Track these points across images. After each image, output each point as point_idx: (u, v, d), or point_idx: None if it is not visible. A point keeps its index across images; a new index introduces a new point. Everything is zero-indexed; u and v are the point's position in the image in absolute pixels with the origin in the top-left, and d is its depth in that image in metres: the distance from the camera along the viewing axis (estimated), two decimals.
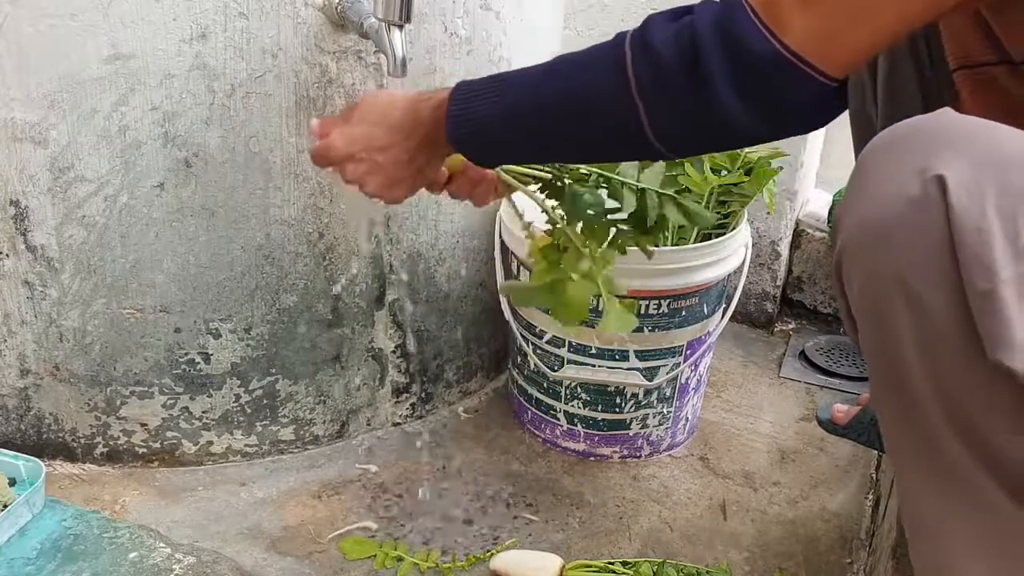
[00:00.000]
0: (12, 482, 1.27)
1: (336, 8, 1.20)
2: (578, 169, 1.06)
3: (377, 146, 0.95)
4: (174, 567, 1.18)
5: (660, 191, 1.04)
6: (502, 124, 0.88)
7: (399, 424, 1.56)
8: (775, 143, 1.29)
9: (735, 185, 1.42)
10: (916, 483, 0.72)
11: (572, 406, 1.47)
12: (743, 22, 0.72)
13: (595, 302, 1.03)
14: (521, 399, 1.55)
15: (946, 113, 0.68)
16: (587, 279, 0.97)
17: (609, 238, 1.04)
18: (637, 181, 1.04)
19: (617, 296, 0.97)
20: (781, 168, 1.47)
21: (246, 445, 1.44)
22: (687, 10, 0.77)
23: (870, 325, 0.70)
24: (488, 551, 1.28)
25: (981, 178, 0.63)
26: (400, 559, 1.25)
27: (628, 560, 1.26)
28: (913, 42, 0.93)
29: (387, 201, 1.00)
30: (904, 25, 0.71)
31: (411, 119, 0.94)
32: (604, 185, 1.05)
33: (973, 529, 0.70)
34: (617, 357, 1.40)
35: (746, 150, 1.37)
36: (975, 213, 0.62)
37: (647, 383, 1.42)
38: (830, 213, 1.79)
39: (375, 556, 1.25)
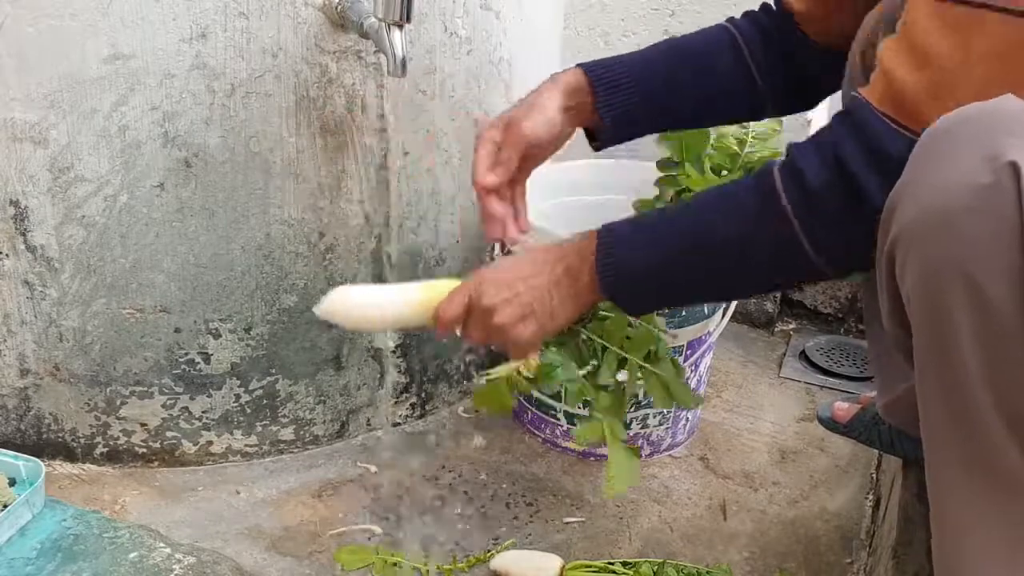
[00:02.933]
0: (12, 482, 1.27)
1: (336, 8, 1.20)
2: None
3: (521, 275, 0.93)
4: (174, 567, 1.18)
5: (642, 365, 1.08)
6: (657, 274, 0.88)
7: (399, 424, 1.56)
8: (776, 145, 1.31)
9: None
10: (954, 480, 0.69)
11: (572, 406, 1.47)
12: (883, 131, 0.74)
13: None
14: (521, 399, 1.55)
15: (1010, 99, 0.66)
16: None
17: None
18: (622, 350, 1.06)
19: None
20: None
21: (246, 445, 1.44)
22: (823, 129, 0.80)
23: (925, 319, 0.67)
24: (488, 551, 1.28)
25: None
26: (397, 565, 1.25)
27: (628, 560, 1.25)
28: None
29: (515, 342, 0.95)
30: None
31: (555, 256, 0.92)
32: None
33: (1008, 533, 0.67)
34: None
35: (745, 149, 1.37)
36: None
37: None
38: None
39: (372, 563, 1.25)
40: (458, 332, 0.96)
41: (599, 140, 1.07)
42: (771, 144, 1.35)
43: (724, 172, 1.39)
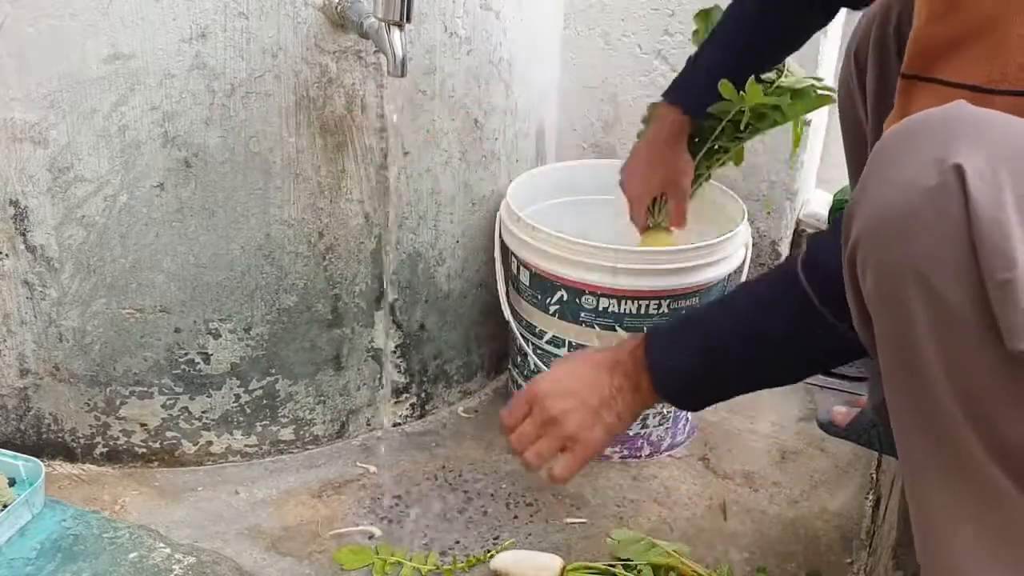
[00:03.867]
0: (12, 482, 1.27)
1: (336, 8, 1.20)
2: None
3: (583, 381, 0.97)
4: (174, 567, 1.18)
5: None
6: (705, 376, 0.94)
7: (399, 424, 1.56)
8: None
9: (774, 108, 1.40)
10: (928, 480, 0.71)
11: None
12: None
13: None
14: None
15: (961, 104, 0.67)
16: None
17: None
18: None
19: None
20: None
21: (246, 445, 1.44)
22: (841, 217, 0.81)
23: (885, 317, 0.69)
24: (488, 551, 1.28)
25: (999, 167, 0.62)
26: (399, 564, 1.25)
27: (629, 560, 1.25)
28: (900, 46, 0.93)
29: (581, 445, 0.99)
30: None
31: (608, 362, 0.97)
32: None
33: (988, 530, 0.68)
34: None
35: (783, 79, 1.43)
36: (994, 202, 0.61)
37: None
38: (831, 213, 1.79)
39: (372, 564, 1.25)
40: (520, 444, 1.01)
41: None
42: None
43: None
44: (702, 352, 0.93)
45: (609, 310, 1.36)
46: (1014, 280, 0.61)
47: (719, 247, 1.36)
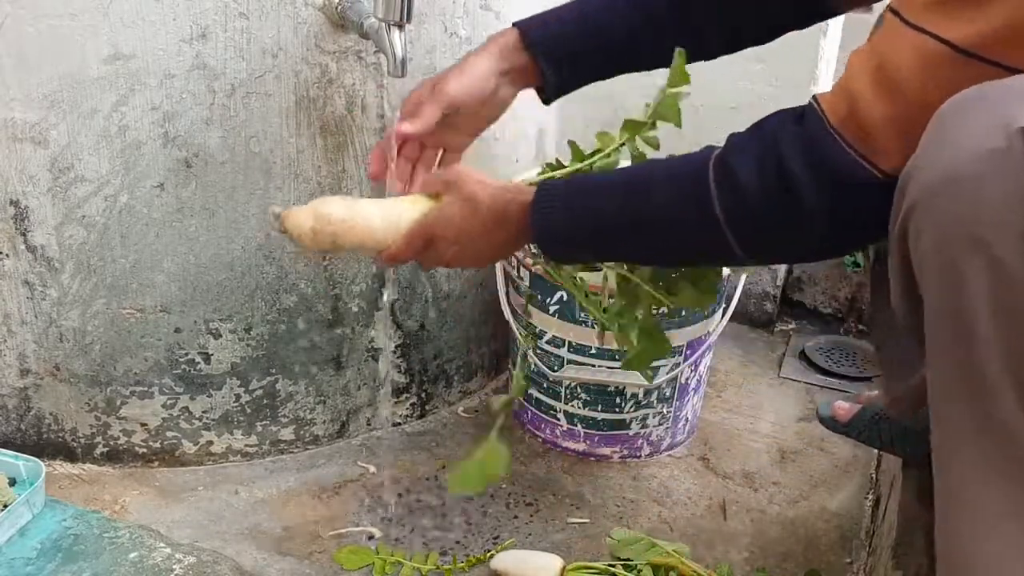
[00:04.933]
0: (12, 482, 1.27)
1: (336, 8, 1.20)
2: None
3: (470, 235, 0.97)
4: (174, 567, 1.18)
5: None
6: (584, 239, 0.92)
7: (399, 424, 1.56)
8: None
9: None
10: (964, 460, 0.69)
11: (572, 406, 1.47)
12: (837, 156, 0.75)
13: None
14: (521, 399, 1.55)
15: (1022, 77, 0.66)
16: None
17: None
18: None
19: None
20: None
21: (246, 445, 1.44)
22: (767, 130, 0.80)
23: (939, 284, 0.67)
24: (488, 551, 1.28)
25: None
26: (399, 564, 1.25)
27: (629, 560, 1.25)
28: None
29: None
30: None
31: (496, 218, 0.95)
32: None
33: (1018, 509, 0.66)
34: (617, 357, 1.39)
35: None
36: None
37: (647, 383, 1.42)
38: None
39: (373, 564, 1.25)
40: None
41: (546, 93, 1.07)
42: None
43: None
44: (581, 211, 0.91)
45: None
46: None
47: None
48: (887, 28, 0.75)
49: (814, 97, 0.79)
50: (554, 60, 1.03)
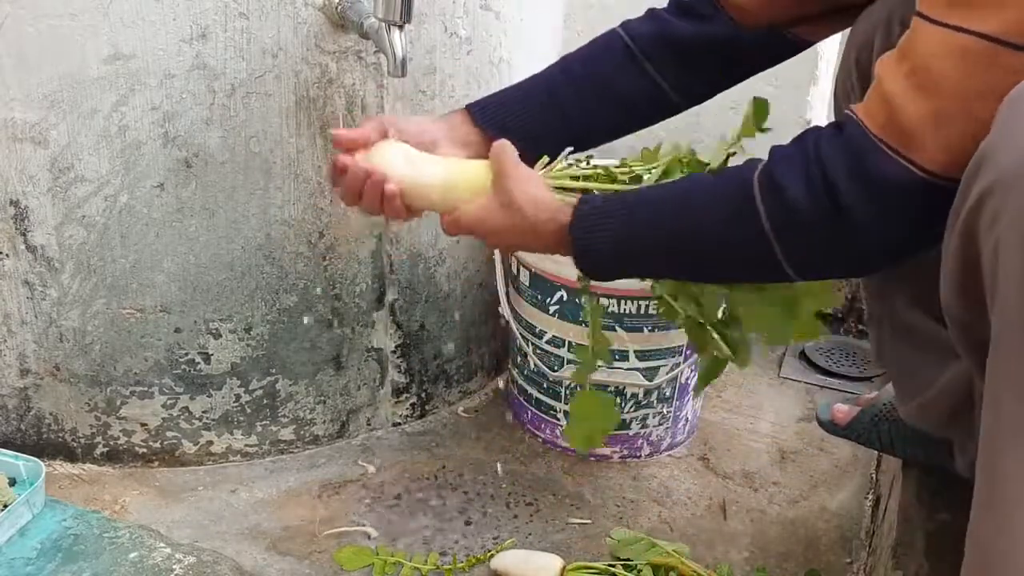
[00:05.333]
0: (12, 482, 1.27)
1: (336, 8, 1.20)
2: None
3: (503, 235, 0.97)
4: (174, 567, 1.18)
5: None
6: (626, 260, 0.91)
7: (399, 424, 1.56)
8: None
9: None
10: (1019, 459, 0.65)
11: None
12: (883, 163, 0.74)
13: None
14: (521, 399, 1.55)
15: None
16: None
17: None
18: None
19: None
20: None
21: (246, 445, 1.44)
22: (809, 142, 0.79)
23: (1016, 273, 0.65)
24: (488, 551, 1.28)
25: None
26: (398, 564, 1.25)
27: (629, 560, 1.25)
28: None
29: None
30: None
31: (533, 233, 0.95)
32: None
33: None
34: (617, 357, 1.39)
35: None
36: None
37: (647, 383, 1.42)
38: None
39: (373, 564, 1.25)
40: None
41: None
42: None
43: None
44: (624, 228, 0.89)
45: (609, 310, 1.36)
46: None
47: None
48: (915, 30, 0.74)
49: (850, 108, 0.79)
50: (503, 131, 1.03)
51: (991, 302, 0.68)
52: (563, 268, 1.36)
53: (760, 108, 0.95)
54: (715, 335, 1.02)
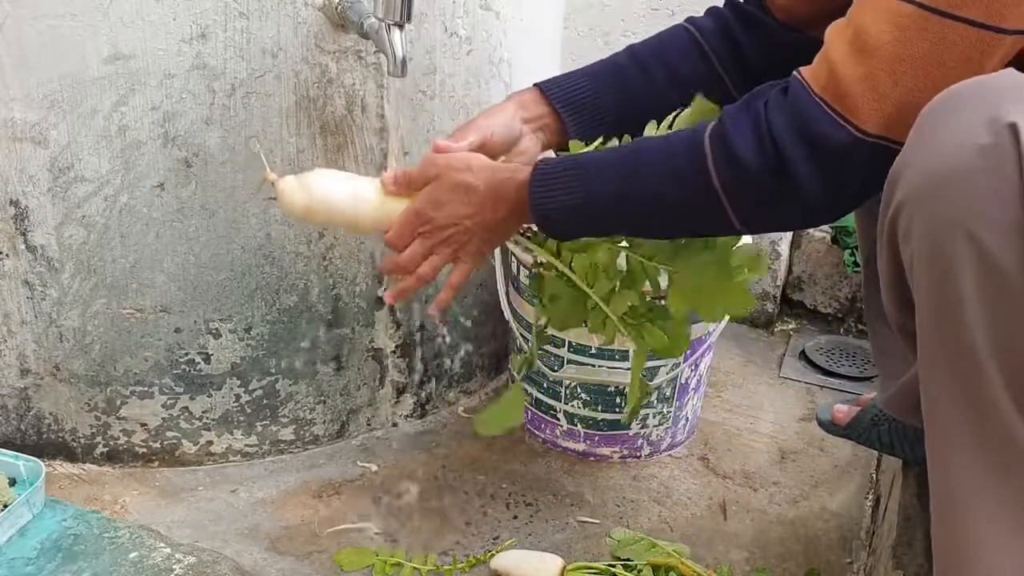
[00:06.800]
0: (12, 482, 1.27)
1: (336, 8, 1.20)
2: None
3: (466, 214, 0.97)
4: (174, 567, 1.18)
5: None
6: (585, 214, 0.93)
7: (399, 424, 1.56)
8: None
9: None
10: (954, 447, 0.70)
11: (572, 406, 1.47)
12: (821, 121, 0.77)
13: None
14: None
15: (1011, 72, 0.68)
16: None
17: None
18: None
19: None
20: None
21: (246, 445, 1.44)
22: (759, 102, 0.81)
23: (930, 279, 0.68)
24: (488, 552, 1.28)
25: None
26: (399, 565, 1.25)
27: (629, 560, 1.26)
28: None
29: (471, 265, 1.02)
30: None
31: (493, 197, 0.96)
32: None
33: (1011, 502, 0.67)
34: (617, 357, 1.39)
35: None
36: None
37: (647, 383, 1.42)
38: None
39: (372, 565, 1.25)
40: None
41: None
42: None
43: None
44: (580, 185, 0.91)
45: None
46: None
47: None
48: None
49: (797, 70, 0.81)
50: (572, 107, 1.07)
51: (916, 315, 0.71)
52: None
53: (699, 108, 0.99)
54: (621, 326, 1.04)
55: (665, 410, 1.47)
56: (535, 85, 1.10)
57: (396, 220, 1.00)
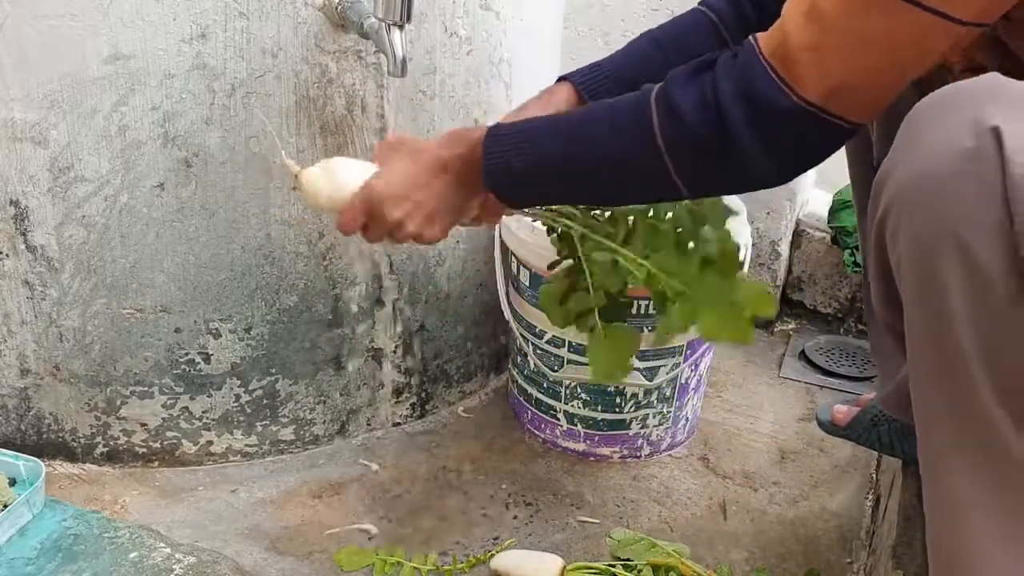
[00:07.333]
0: (12, 482, 1.27)
1: (336, 8, 1.20)
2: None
3: (417, 184, 0.96)
4: (174, 567, 1.18)
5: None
6: (535, 176, 0.92)
7: (399, 424, 1.56)
8: None
9: None
10: (945, 452, 0.70)
11: (572, 406, 1.47)
12: (763, 83, 0.76)
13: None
14: (521, 399, 1.55)
15: (995, 76, 0.68)
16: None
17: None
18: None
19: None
20: None
21: (246, 445, 1.44)
22: (706, 65, 0.81)
23: (916, 281, 0.69)
24: (488, 552, 1.28)
25: None
26: (399, 564, 1.25)
27: (629, 560, 1.26)
28: None
29: (425, 241, 1.00)
30: (911, 75, 0.74)
31: (443, 160, 0.95)
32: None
33: (1003, 506, 0.68)
34: None
35: None
36: None
37: (647, 383, 1.42)
38: (831, 213, 1.79)
39: (373, 564, 1.25)
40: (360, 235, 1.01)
41: None
42: None
43: None
44: (530, 148, 0.91)
45: None
46: None
47: None
48: None
49: (752, 35, 0.81)
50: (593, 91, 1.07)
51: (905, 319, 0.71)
52: None
53: None
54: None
55: (665, 410, 1.47)
56: (564, 78, 1.11)
57: (345, 205, 0.98)
